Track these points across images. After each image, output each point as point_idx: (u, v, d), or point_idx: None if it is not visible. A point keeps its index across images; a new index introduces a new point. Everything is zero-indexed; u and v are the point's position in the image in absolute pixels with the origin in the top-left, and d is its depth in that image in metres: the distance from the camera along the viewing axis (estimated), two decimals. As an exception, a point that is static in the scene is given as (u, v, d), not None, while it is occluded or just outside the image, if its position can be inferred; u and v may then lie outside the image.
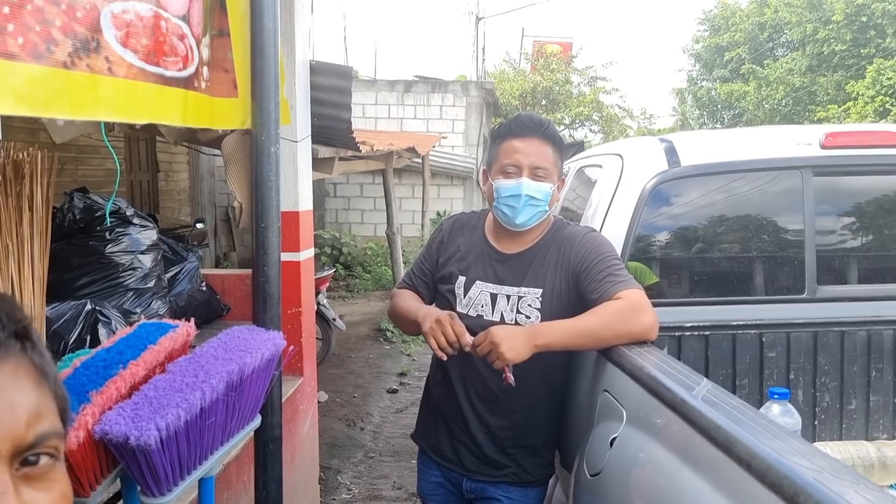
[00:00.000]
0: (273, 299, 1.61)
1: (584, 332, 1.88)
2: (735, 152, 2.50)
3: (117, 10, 1.14)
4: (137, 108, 1.23)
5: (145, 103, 1.24)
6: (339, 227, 13.08)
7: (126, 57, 1.15)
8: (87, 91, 1.09)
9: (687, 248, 2.56)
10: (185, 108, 1.38)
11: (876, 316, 2.45)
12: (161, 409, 1.06)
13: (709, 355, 2.40)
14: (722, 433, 1.23)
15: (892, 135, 2.48)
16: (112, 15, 1.13)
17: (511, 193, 2.04)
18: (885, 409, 2.47)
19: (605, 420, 1.85)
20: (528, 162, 2.04)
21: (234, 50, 1.50)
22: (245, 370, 1.26)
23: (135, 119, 1.22)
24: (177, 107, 1.35)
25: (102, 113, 1.14)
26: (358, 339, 8.52)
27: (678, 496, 1.35)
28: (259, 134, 1.49)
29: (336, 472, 4.74)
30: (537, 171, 2.04)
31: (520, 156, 2.05)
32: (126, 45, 1.15)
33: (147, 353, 1.20)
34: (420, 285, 2.29)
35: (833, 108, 21.66)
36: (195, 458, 1.17)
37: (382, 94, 13.36)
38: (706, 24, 29.75)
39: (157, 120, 1.26)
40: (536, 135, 2.06)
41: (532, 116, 2.13)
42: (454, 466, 2.24)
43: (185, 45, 1.31)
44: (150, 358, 1.19)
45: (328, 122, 4.23)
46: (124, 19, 1.15)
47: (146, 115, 1.27)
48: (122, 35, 1.14)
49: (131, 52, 1.16)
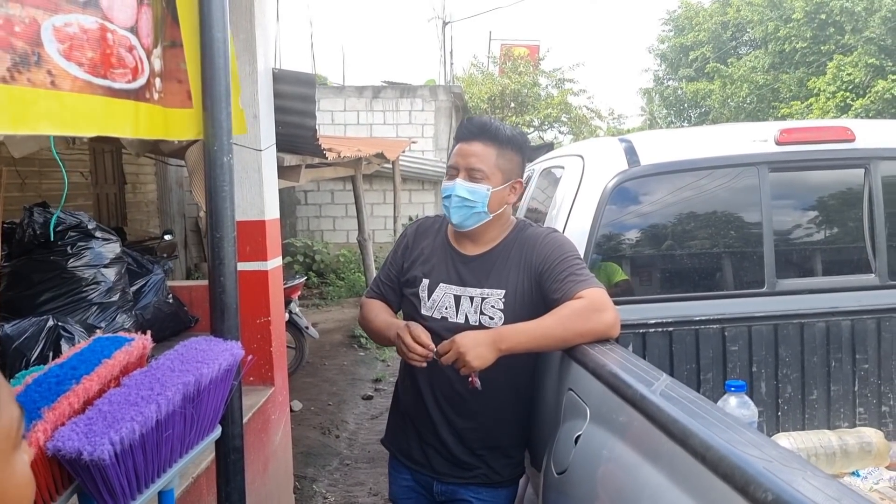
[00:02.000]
0: (230, 310, 1.61)
1: (547, 333, 1.90)
2: (693, 151, 2.54)
3: (59, 23, 1.13)
4: (84, 121, 1.23)
5: (93, 116, 1.24)
6: (312, 235, 13.02)
7: (70, 70, 1.15)
8: (28, 105, 1.09)
9: (649, 245, 2.59)
10: (137, 119, 1.37)
11: (834, 307, 2.50)
12: (115, 424, 1.05)
13: (673, 350, 2.44)
14: (678, 427, 1.26)
15: (844, 130, 2.54)
16: (54, 28, 1.12)
17: (446, 194, 2.11)
18: (844, 398, 2.52)
19: (570, 418, 1.87)
20: (465, 164, 2.08)
21: (187, 61, 1.49)
22: (202, 381, 1.26)
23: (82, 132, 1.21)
24: (128, 118, 1.34)
25: (46, 127, 1.13)
26: (332, 347, 8.48)
27: (639, 491, 1.37)
28: (211, 144, 1.48)
29: (311, 480, 4.72)
30: (473, 172, 2.07)
31: (459, 158, 2.10)
32: (70, 58, 1.14)
33: (101, 367, 1.19)
34: (387, 292, 2.30)
35: (796, 104, 22.00)
36: (153, 471, 1.16)
37: (351, 101, 13.33)
38: (670, 25, 30.08)
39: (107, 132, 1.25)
40: (478, 138, 2.09)
41: (474, 120, 2.15)
42: (424, 470, 2.24)
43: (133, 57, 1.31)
44: (104, 372, 1.18)
45: (293, 130, 4.22)
46: (67, 32, 1.14)
47: (94, 128, 1.24)
48: (66, 48, 1.14)
49: (76, 65, 1.16)
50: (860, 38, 19.97)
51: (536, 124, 20.08)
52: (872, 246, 2.55)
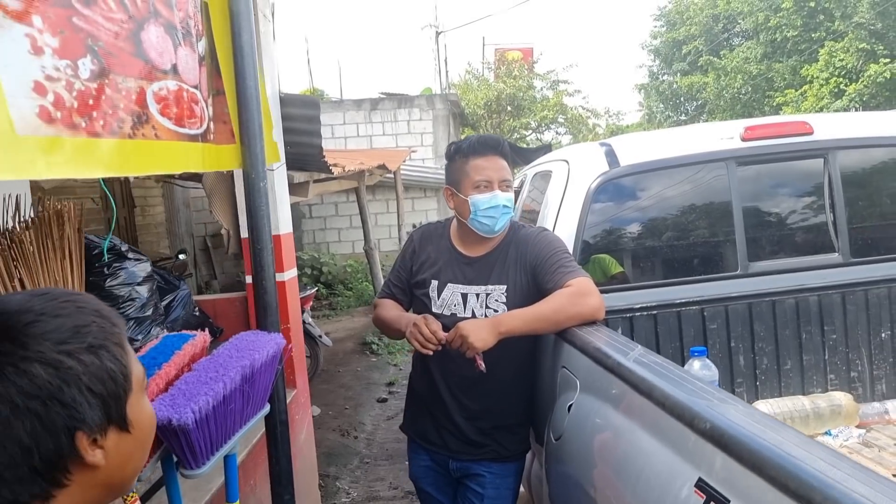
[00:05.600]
0: (272, 308, 1.90)
1: (540, 317, 2.16)
2: (667, 150, 2.81)
3: (156, 88, 1.46)
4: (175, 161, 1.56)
5: (180, 157, 1.57)
6: (318, 248, 13.27)
7: (165, 124, 1.47)
8: (144, 153, 1.42)
9: (631, 237, 2.86)
10: (203, 156, 1.70)
11: (801, 285, 2.76)
12: (193, 398, 1.33)
13: (658, 332, 2.70)
14: (646, 383, 1.53)
15: (803, 124, 2.80)
16: (153, 93, 1.44)
17: (490, 205, 2.33)
18: (816, 366, 2.78)
19: (564, 392, 2.14)
20: (497, 176, 2.35)
21: (229, 105, 1.82)
22: (255, 365, 1.54)
23: (174, 170, 1.54)
24: (198, 156, 1.67)
25: (156, 168, 1.46)
26: (345, 354, 8.75)
27: (618, 438, 1.64)
28: (249, 173, 1.80)
29: (334, 478, 4.98)
30: (504, 183, 2.35)
31: (490, 171, 2.35)
32: (164, 115, 1.46)
33: (175, 356, 1.47)
34: (398, 293, 2.56)
35: (790, 92, 22.16)
36: (221, 437, 1.44)
37: (350, 114, 13.62)
38: (662, 20, 30.33)
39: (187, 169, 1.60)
40: (496, 153, 2.37)
41: (490, 137, 2.43)
42: (440, 449, 2.50)
43: (199, 108, 1.63)
44: (178, 360, 1.46)
45: (301, 149, 4.51)
46: (161, 94, 1.46)
47: (180, 167, 1.59)
48: (161, 107, 1.46)
49: (168, 119, 1.48)
50: (850, 23, 20.16)
51: (534, 126, 20.34)
52: (834, 228, 2.80)
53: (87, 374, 0.81)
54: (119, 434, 0.86)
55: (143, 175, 1.68)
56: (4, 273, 1.22)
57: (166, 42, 1.55)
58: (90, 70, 1.27)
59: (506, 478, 2.46)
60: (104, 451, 0.84)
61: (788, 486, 1.00)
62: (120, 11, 1.35)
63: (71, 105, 1.20)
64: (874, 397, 2.81)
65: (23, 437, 0.77)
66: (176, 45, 1.60)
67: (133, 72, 1.41)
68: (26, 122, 1.10)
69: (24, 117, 1.09)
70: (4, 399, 0.76)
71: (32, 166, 1.10)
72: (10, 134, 1.06)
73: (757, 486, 1.08)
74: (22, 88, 1.10)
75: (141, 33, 1.43)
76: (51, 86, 1.15)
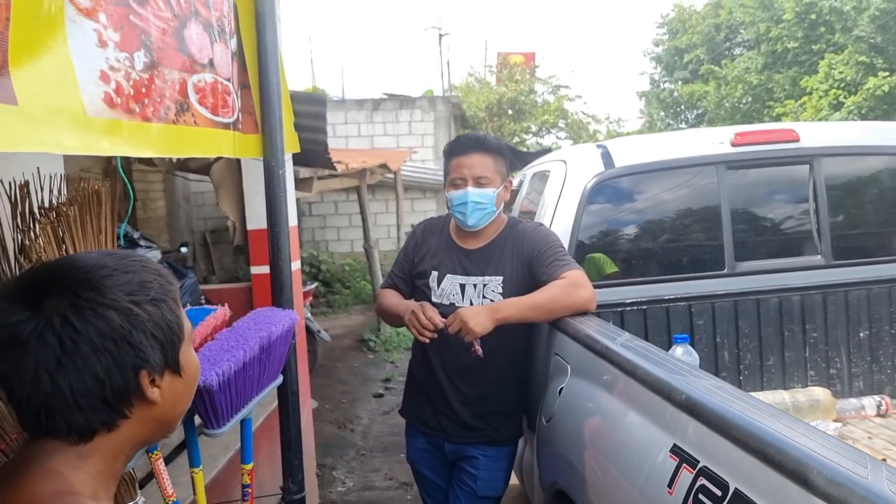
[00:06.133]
0: (286, 286, 2.05)
1: (535, 305, 2.29)
2: (660, 153, 2.94)
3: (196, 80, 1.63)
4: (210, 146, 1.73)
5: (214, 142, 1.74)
6: (317, 245, 13.36)
7: (203, 112, 1.63)
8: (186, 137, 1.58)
9: (624, 235, 2.99)
10: (233, 143, 1.87)
11: (785, 285, 2.89)
12: (217, 363, 1.46)
13: (647, 326, 2.83)
14: (630, 364, 1.66)
15: (790, 132, 2.93)
16: (193, 84, 1.61)
17: (460, 201, 2.46)
18: (797, 363, 2.91)
19: (556, 377, 2.27)
20: (471, 173, 2.45)
21: (254, 98, 1.99)
22: (272, 337, 1.67)
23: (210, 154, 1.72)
24: (230, 143, 1.84)
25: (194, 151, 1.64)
26: (342, 351, 8.87)
27: (604, 414, 1.77)
28: (270, 161, 1.95)
29: (331, 468, 5.10)
30: (480, 179, 2.45)
31: (464, 169, 2.46)
32: (202, 104, 1.62)
33: (199, 327, 1.60)
34: (400, 283, 2.69)
35: (790, 103, 22.30)
36: (240, 401, 1.57)
37: (352, 114, 13.74)
38: (664, 28, 30.49)
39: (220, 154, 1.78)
40: (475, 150, 2.48)
41: (470, 136, 2.55)
42: (437, 433, 2.63)
43: (231, 99, 1.79)
44: (202, 331, 1.60)
45: (306, 146, 4.62)
46: (199, 86, 1.63)
47: (215, 151, 1.77)
48: (200, 97, 1.62)
49: (205, 109, 1.64)
50: (850, 36, 20.33)
51: (534, 130, 20.47)
52: (818, 231, 2.94)
53: (151, 321, 0.95)
54: (172, 377, 1.00)
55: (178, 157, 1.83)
56: (54, 243, 1.36)
57: (204, 38, 1.70)
58: (143, 62, 1.41)
59: (499, 460, 2.57)
60: (160, 390, 0.98)
61: (748, 443, 1.13)
62: (167, 10, 1.50)
63: (128, 92, 1.35)
64: (852, 394, 2.95)
65: (98, 371, 0.91)
66: (213, 41, 1.74)
67: (177, 65, 1.56)
68: (94, 106, 1.25)
69: (92, 101, 1.24)
70: (85, 337, 0.89)
71: (98, 144, 1.25)
72: (83, 115, 1.22)
73: (723, 447, 1.21)
74: (91, 76, 1.25)
75: (184, 30, 1.59)
76: (113, 75, 1.30)
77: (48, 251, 1.35)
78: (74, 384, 0.90)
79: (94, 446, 0.94)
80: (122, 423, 0.95)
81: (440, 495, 2.70)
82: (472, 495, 2.54)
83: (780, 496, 1.06)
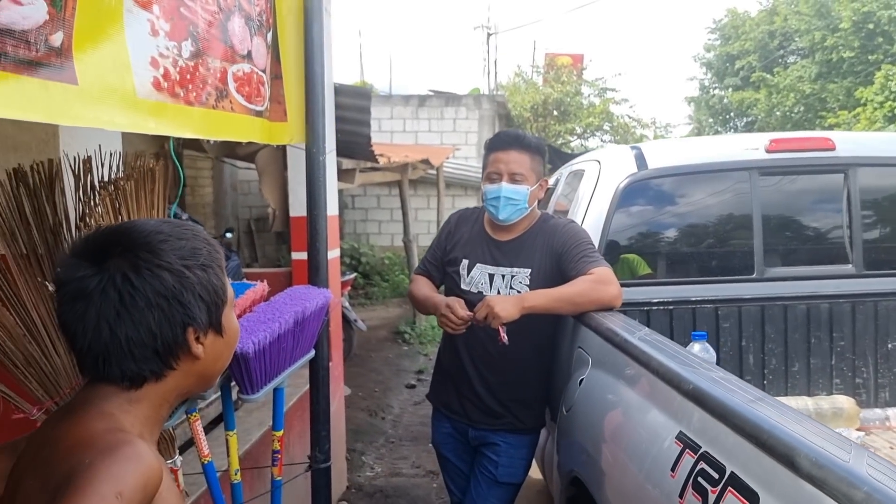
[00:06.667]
0: (322, 267, 2.17)
1: (562, 297, 2.36)
2: (694, 157, 2.98)
3: (235, 69, 1.75)
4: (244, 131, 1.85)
5: (247, 128, 1.86)
6: (358, 238, 13.55)
7: (240, 100, 1.75)
8: (223, 122, 1.71)
9: (654, 236, 3.04)
10: (262, 130, 1.99)
11: (814, 292, 2.91)
12: (254, 333, 1.58)
13: (673, 326, 2.88)
14: (645, 356, 1.73)
15: (826, 140, 2.95)
16: (233, 73, 1.73)
17: (494, 195, 2.54)
18: (822, 370, 2.93)
19: (578, 369, 2.34)
20: (507, 169, 2.53)
21: (286, 89, 2.11)
22: (306, 312, 1.78)
23: (243, 138, 1.84)
24: (259, 129, 1.96)
25: (230, 135, 1.76)
26: (377, 342, 9.01)
27: (619, 403, 1.84)
28: (311, 147, 2.08)
29: (360, 453, 5.23)
30: (514, 176, 2.53)
31: (500, 164, 2.54)
32: (239, 92, 1.74)
33: (239, 300, 1.71)
34: (432, 269, 2.79)
35: (843, 114, 21.82)
36: (274, 370, 1.69)
37: (398, 109, 13.88)
38: (717, 33, 30.06)
39: (251, 139, 1.91)
40: (514, 147, 2.55)
41: (510, 132, 2.63)
42: (461, 418, 2.72)
43: (263, 88, 1.91)
44: (241, 303, 1.72)
45: (350, 138, 4.77)
46: (238, 75, 1.75)
47: (247, 136, 1.89)
48: (238, 85, 1.74)
49: (242, 97, 1.76)
50: (908, 47, 19.84)
51: (579, 132, 20.40)
52: (850, 241, 2.95)
53: (199, 284, 1.06)
54: (215, 336, 1.11)
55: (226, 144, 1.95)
56: (111, 213, 1.49)
57: (245, 31, 1.82)
58: (190, 51, 1.54)
59: (520, 448, 2.65)
60: (204, 347, 1.09)
61: (745, 429, 1.19)
62: (214, 4, 1.63)
63: (174, 78, 1.48)
64: (877, 404, 2.95)
65: (151, 325, 1.02)
66: (252, 34, 1.86)
67: (219, 54, 1.68)
68: (144, 88, 1.38)
69: (143, 84, 1.37)
70: (141, 294, 1.01)
71: (146, 123, 1.38)
72: (133, 96, 1.34)
73: (723, 433, 1.28)
74: (142, 62, 1.37)
75: (227, 23, 1.71)
76: (162, 61, 1.43)
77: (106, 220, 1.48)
78: (130, 335, 1.01)
79: (142, 393, 1.06)
80: (168, 374, 1.07)
81: (462, 479, 2.79)
82: (492, 481, 2.63)
83: (770, 478, 1.12)
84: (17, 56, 1.12)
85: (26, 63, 1.14)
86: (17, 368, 1.48)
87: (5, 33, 1.10)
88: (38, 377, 1.49)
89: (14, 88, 1.13)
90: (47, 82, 1.18)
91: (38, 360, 1.48)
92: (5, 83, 1.11)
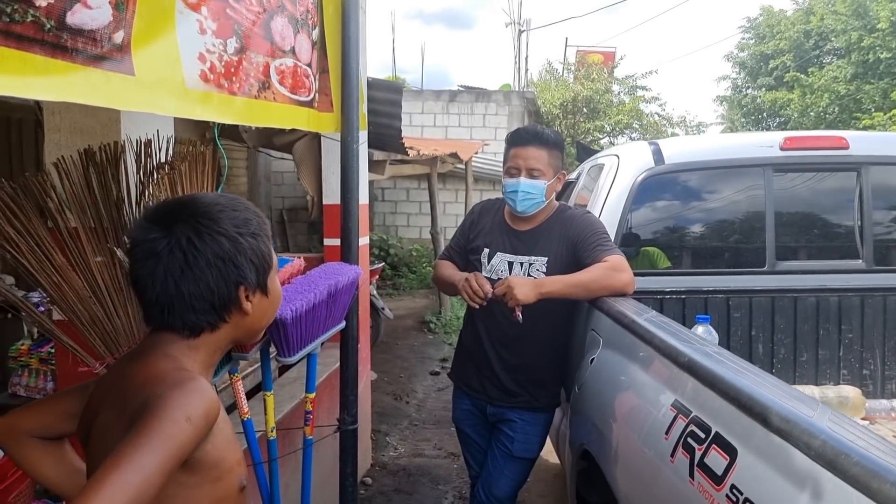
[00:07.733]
0: (353, 246, 2.35)
1: (577, 283, 2.50)
2: (710, 153, 3.11)
3: (277, 63, 1.93)
4: (288, 119, 2.04)
5: (289, 116, 2.04)
6: (387, 230, 13.75)
7: (282, 91, 1.92)
8: (264, 110, 1.89)
9: (670, 228, 3.17)
10: (309, 119, 2.18)
11: (823, 285, 3.02)
12: (291, 302, 1.75)
13: (685, 315, 3.00)
14: (650, 334, 1.87)
15: (839, 139, 3.05)
16: (275, 67, 1.91)
17: (512, 189, 2.69)
18: (830, 361, 3.04)
19: (590, 350, 2.48)
20: (526, 164, 2.67)
21: (332, 81, 2.28)
22: (338, 286, 1.95)
23: (288, 125, 2.01)
24: (304, 118, 2.15)
25: (271, 122, 1.94)
26: (404, 330, 9.21)
27: (624, 377, 1.98)
28: (346, 136, 2.27)
29: (385, 434, 5.42)
30: (532, 171, 2.67)
31: (520, 160, 2.68)
32: (282, 84, 1.91)
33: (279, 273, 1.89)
34: (456, 256, 2.95)
35: (879, 115, 21.52)
36: (308, 336, 1.86)
37: (429, 104, 14.04)
38: (751, 32, 29.72)
39: (294, 125, 2.09)
40: (532, 143, 2.69)
41: (529, 128, 2.77)
42: (480, 396, 2.87)
43: (308, 81, 2.09)
44: (280, 276, 1.87)
45: (381, 130, 4.94)
46: (280, 69, 1.93)
47: (289, 123, 2.07)
48: (280, 78, 1.91)
49: (284, 88, 1.93)
50: (947, 49, 19.50)
51: (608, 130, 20.38)
52: (861, 237, 3.05)
53: (250, 249, 1.24)
54: (261, 296, 1.30)
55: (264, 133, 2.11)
56: (169, 191, 1.68)
57: (288, 29, 1.99)
58: (234, 47, 1.72)
59: (535, 425, 2.80)
60: (252, 304, 1.27)
61: (729, 393, 1.34)
62: (258, 5, 1.81)
63: (220, 71, 1.66)
64: (884, 395, 3.05)
65: (210, 282, 1.20)
66: (295, 32, 2.04)
67: (262, 50, 1.86)
68: (192, 80, 1.56)
69: (191, 76, 1.55)
70: (202, 255, 1.18)
71: (193, 110, 1.56)
72: (182, 86, 1.53)
73: (710, 398, 1.42)
74: (191, 57, 1.56)
75: (270, 22, 1.88)
76: (209, 56, 1.61)
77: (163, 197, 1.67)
78: (192, 290, 1.19)
79: (200, 341, 1.23)
80: (221, 326, 1.25)
81: (480, 454, 2.95)
82: (507, 455, 2.78)
83: (748, 434, 1.27)
84: (87, 51, 1.30)
85: (93, 57, 1.31)
86: (83, 326, 1.67)
87: (77, 32, 1.27)
88: (101, 335, 1.68)
89: (83, 78, 1.31)
90: (109, 73, 1.35)
91: (101, 320, 1.67)
92: (76, 74, 1.29)
